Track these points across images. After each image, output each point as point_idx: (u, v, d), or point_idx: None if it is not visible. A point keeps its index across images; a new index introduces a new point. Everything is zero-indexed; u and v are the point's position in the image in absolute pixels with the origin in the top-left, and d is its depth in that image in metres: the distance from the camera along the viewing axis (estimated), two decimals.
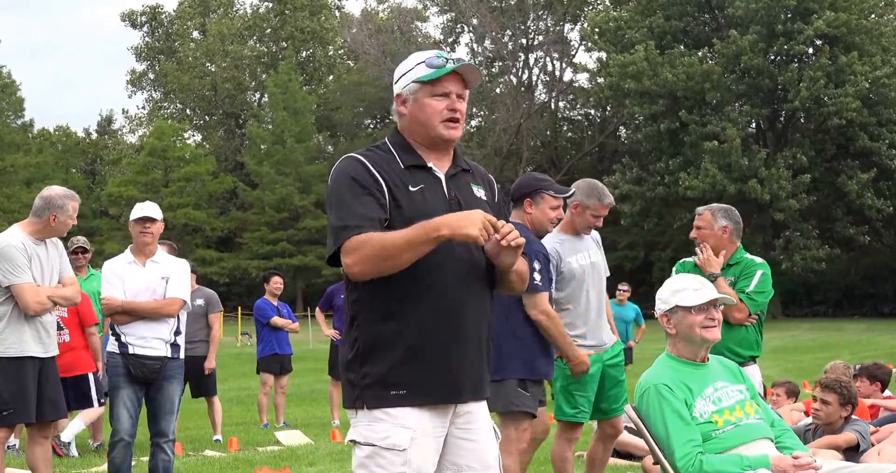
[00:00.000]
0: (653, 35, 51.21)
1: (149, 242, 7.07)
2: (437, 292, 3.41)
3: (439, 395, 3.46)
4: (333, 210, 3.43)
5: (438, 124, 3.50)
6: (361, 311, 3.47)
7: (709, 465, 4.39)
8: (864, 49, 48.63)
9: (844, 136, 49.21)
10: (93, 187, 65.78)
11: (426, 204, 3.44)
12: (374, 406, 3.42)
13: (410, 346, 3.40)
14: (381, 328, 3.42)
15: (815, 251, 48.84)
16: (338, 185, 3.46)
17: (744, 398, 4.68)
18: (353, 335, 3.49)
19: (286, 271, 48.27)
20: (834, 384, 6.76)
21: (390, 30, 62.30)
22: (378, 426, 3.42)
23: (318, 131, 64.19)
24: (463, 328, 3.46)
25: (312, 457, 9.56)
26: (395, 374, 3.41)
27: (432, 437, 3.47)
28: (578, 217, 6.48)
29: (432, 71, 3.50)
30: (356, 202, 3.39)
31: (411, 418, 3.42)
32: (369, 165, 3.45)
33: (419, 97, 3.52)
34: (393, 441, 3.40)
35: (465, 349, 3.47)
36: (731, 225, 6.27)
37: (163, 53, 71.49)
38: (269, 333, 12.87)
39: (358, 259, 3.33)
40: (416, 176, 3.50)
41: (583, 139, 64.25)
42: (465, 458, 3.55)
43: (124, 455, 6.94)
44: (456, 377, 3.47)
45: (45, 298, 6.62)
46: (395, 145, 3.55)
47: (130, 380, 6.93)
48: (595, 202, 6.42)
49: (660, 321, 4.73)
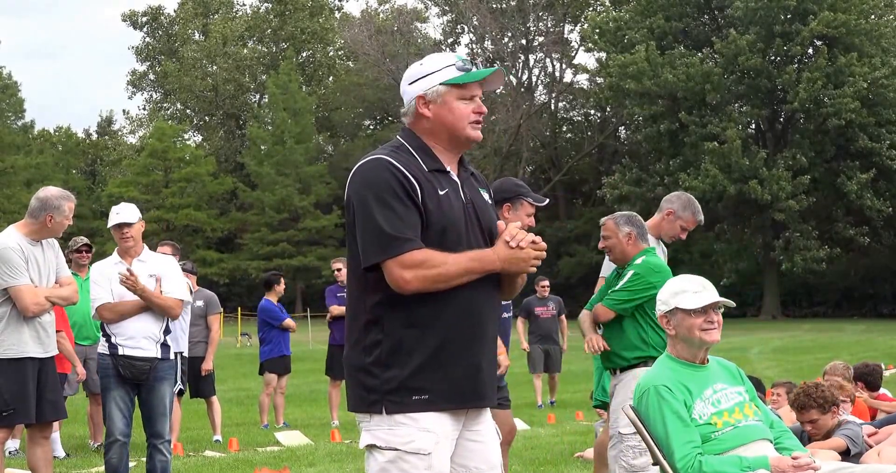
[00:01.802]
0: (653, 35, 51.35)
1: (130, 246, 7.01)
2: (460, 298, 3.42)
3: (462, 400, 3.48)
4: (375, 215, 3.38)
5: (467, 126, 3.52)
6: (385, 314, 3.44)
7: (708, 466, 4.38)
8: (864, 50, 48.92)
9: (844, 136, 49.32)
10: (93, 187, 66.04)
11: (451, 209, 3.47)
12: (396, 411, 3.40)
13: (434, 351, 3.41)
14: (404, 332, 3.41)
15: (815, 252, 48.87)
16: (374, 189, 3.41)
17: (743, 400, 4.67)
18: (371, 338, 3.45)
19: (286, 272, 48.32)
20: (807, 400, 6.62)
21: (390, 31, 62.23)
22: (400, 430, 3.41)
23: (318, 132, 64.51)
24: (484, 332, 3.51)
25: (312, 458, 9.55)
26: (417, 379, 3.40)
27: (451, 440, 3.50)
28: (668, 224, 6.88)
29: (462, 74, 3.51)
30: (405, 210, 3.38)
31: (434, 422, 3.42)
32: (402, 169, 3.43)
33: (448, 100, 3.51)
34: (418, 446, 3.39)
35: (486, 353, 3.52)
36: (634, 230, 6.35)
37: (163, 54, 71.56)
38: (279, 334, 12.87)
39: (416, 277, 3.35)
40: (441, 180, 3.51)
41: (583, 140, 64.33)
42: (472, 460, 3.57)
43: (120, 455, 6.93)
44: (479, 382, 3.50)
45: (44, 299, 6.60)
46: (417, 149, 3.53)
47: (121, 381, 6.90)
48: (689, 216, 6.84)
49: (659, 321, 4.74)
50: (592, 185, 58.93)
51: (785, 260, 49.09)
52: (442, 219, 3.42)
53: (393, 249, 3.35)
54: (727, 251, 51.85)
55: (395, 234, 3.35)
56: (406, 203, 3.38)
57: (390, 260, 3.35)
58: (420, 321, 3.41)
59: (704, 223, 7.50)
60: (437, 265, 3.35)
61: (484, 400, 3.54)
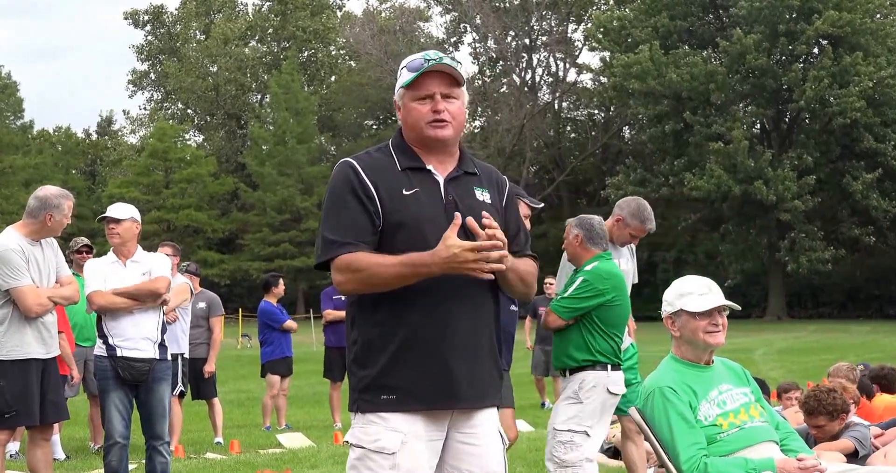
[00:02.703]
0: (657, 35, 51.34)
1: (117, 242, 7.07)
2: (427, 296, 3.41)
3: (430, 400, 3.45)
4: (325, 219, 3.51)
5: (425, 126, 3.52)
6: (357, 314, 3.53)
7: (713, 468, 4.38)
8: (869, 49, 48.81)
9: (849, 136, 49.25)
10: (93, 188, 65.96)
11: (420, 208, 3.47)
12: (368, 410, 3.46)
13: (399, 349, 3.42)
14: (372, 330, 3.47)
15: (820, 253, 48.82)
16: (330, 193, 3.53)
17: (749, 401, 4.66)
18: (352, 337, 3.54)
19: (288, 273, 48.21)
20: (817, 406, 6.74)
21: (392, 30, 62.05)
22: (370, 428, 3.45)
23: (320, 132, 64.08)
24: (454, 332, 3.45)
25: (314, 460, 9.55)
26: (385, 378, 3.44)
27: (426, 441, 3.47)
28: (618, 231, 6.93)
29: (411, 75, 3.51)
30: (346, 214, 3.46)
31: (402, 422, 3.43)
32: (360, 171, 3.49)
33: (406, 102, 3.56)
34: (382, 445, 3.43)
35: (456, 353, 3.45)
36: (582, 233, 6.42)
37: (164, 53, 71.53)
38: (280, 336, 12.86)
39: (346, 279, 3.43)
40: (413, 178, 3.52)
41: (586, 140, 64.26)
42: (466, 463, 3.54)
43: (120, 457, 6.97)
44: (447, 382, 3.45)
45: (46, 299, 6.63)
46: (395, 148, 3.59)
47: (119, 383, 6.94)
48: (637, 224, 6.87)
49: (665, 322, 4.72)
50: (596, 185, 58.77)
51: (790, 261, 49.06)
52: (400, 219, 3.44)
53: (329, 251, 3.46)
54: (732, 252, 51.58)
55: (331, 238, 3.46)
56: (354, 206, 3.46)
57: (330, 263, 3.47)
58: (384, 320, 3.45)
59: (710, 224, 7.45)
60: (364, 269, 3.39)
61: (458, 401, 3.48)
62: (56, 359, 6.82)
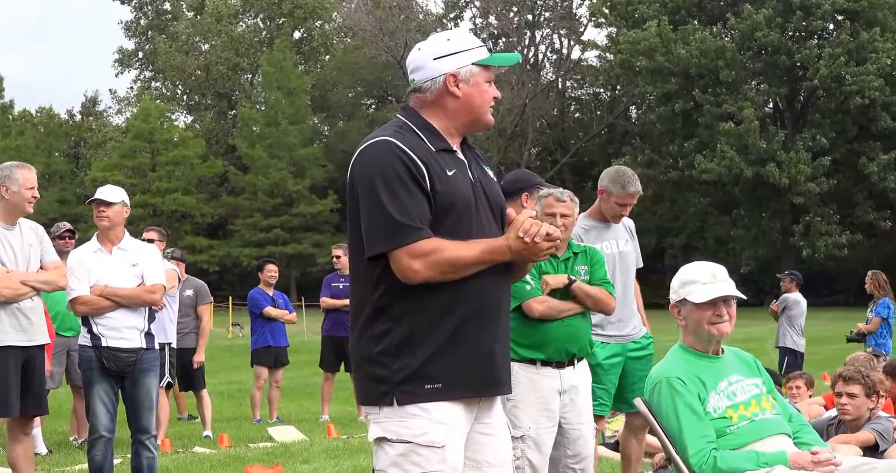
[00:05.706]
0: (665, 10, 51.40)
1: (106, 226, 6.94)
2: (474, 284, 3.42)
3: (476, 387, 3.48)
4: (385, 201, 3.36)
5: (488, 111, 3.61)
6: (392, 303, 3.42)
7: (723, 462, 4.35)
8: (887, 25, 48.63)
9: (866, 116, 48.99)
10: (76, 171, 65.69)
11: (461, 190, 3.47)
12: (407, 402, 3.41)
13: (447, 338, 3.41)
14: (415, 320, 3.41)
15: (836, 237, 48.56)
16: (384, 173, 3.40)
17: (760, 393, 4.62)
18: (379, 327, 3.43)
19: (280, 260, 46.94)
20: (855, 374, 6.83)
21: (389, 6, 60.94)
22: (412, 422, 3.40)
23: (313, 113, 64.17)
24: (497, 319, 3.52)
25: (307, 454, 9.59)
26: (430, 367, 3.40)
27: (464, 433, 3.51)
28: (605, 204, 6.69)
29: (490, 56, 3.53)
30: (412, 197, 3.37)
31: (447, 413, 3.44)
32: (411, 153, 3.42)
33: (479, 81, 3.55)
34: (431, 438, 3.41)
35: (499, 340, 3.53)
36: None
37: (154, 29, 71.14)
38: (263, 324, 12.80)
39: (426, 266, 3.35)
40: (448, 160, 3.51)
41: (591, 120, 63.84)
42: (484, 453, 3.58)
43: (105, 451, 6.92)
44: (493, 369, 3.51)
45: (18, 283, 6.48)
46: (421, 128, 3.52)
47: (105, 374, 6.85)
48: (619, 189, 6.57)
49: (671, 311, 4.69)
50: (602, 167, 56.79)
51: (805, 246, 48.75)
52: (452, 201, 3.44)
53: (402, 238, 3.36)
54: (745, 237, 51.11)
55: (404, 222, 3.36)
56: (413, 189, 3.38)
57: (399, 249, 3.35)
58: (431, 308, 3.41)
59: (720, 208, 6.35)
60: (448, 256, 3.36)
61: (499, 387, 3.57)
62: (43, 349, 6.75)
